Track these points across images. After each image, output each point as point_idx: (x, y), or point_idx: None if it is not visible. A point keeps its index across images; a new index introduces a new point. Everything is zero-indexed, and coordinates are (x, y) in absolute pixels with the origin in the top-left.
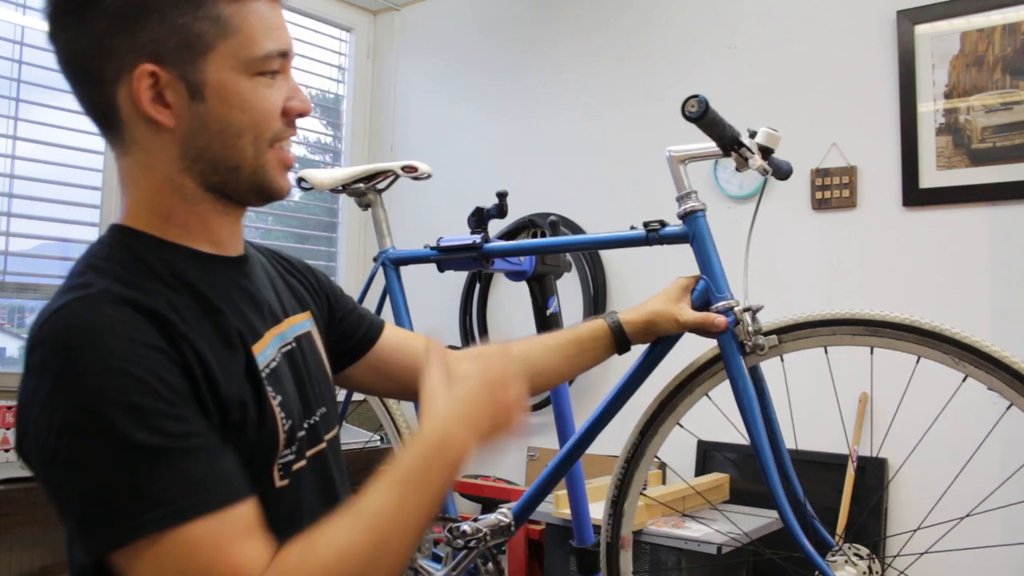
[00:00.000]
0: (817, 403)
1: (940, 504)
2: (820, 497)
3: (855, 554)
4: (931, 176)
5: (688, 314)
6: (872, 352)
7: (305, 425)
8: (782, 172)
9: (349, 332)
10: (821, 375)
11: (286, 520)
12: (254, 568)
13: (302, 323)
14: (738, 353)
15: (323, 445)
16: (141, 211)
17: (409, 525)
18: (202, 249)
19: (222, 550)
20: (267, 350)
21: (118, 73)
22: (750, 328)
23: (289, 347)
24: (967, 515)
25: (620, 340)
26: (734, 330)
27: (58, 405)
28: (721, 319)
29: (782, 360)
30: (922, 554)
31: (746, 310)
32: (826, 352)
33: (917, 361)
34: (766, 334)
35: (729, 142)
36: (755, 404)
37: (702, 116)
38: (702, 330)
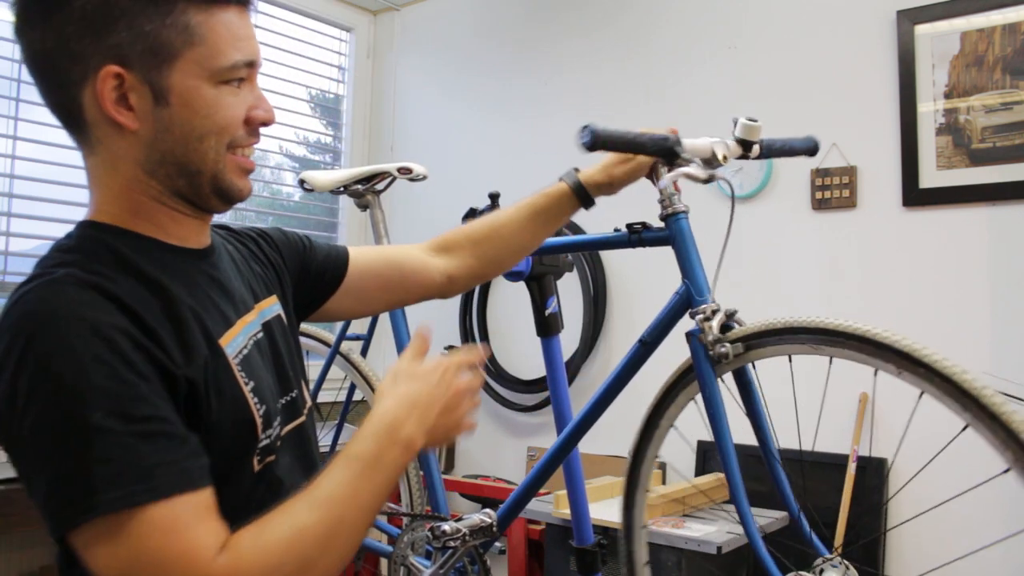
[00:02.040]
0: (817, 403)
1: (941, 506)
2: (820, 497)
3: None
4: (931, 176)
5: (645, 158)
6: (831, 362)
7: (280, 404)
8: (797, 150)
9: (319, 273)
10: (821, 375)
11: (270, 497)
12: (207, 551)
13: (271, 307)
14: (706, 361)
15: (301, 419)
16: (110, 206)
17: (362, 508)
18: (170, 242)
19: (174, 534)
20: (238, 338)
21: (83, 75)
22: (711, 337)
23: (260, 334)
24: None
25: (583, 196)
26: (699, 337)
27: (22, 390)
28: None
29: (789, 360)
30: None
31: (707, 319)
32: (790, 359)
33: (875, 373)
34: (733, 341)
35: (657, 153)
36: (721, 411)
37: (593, 145)
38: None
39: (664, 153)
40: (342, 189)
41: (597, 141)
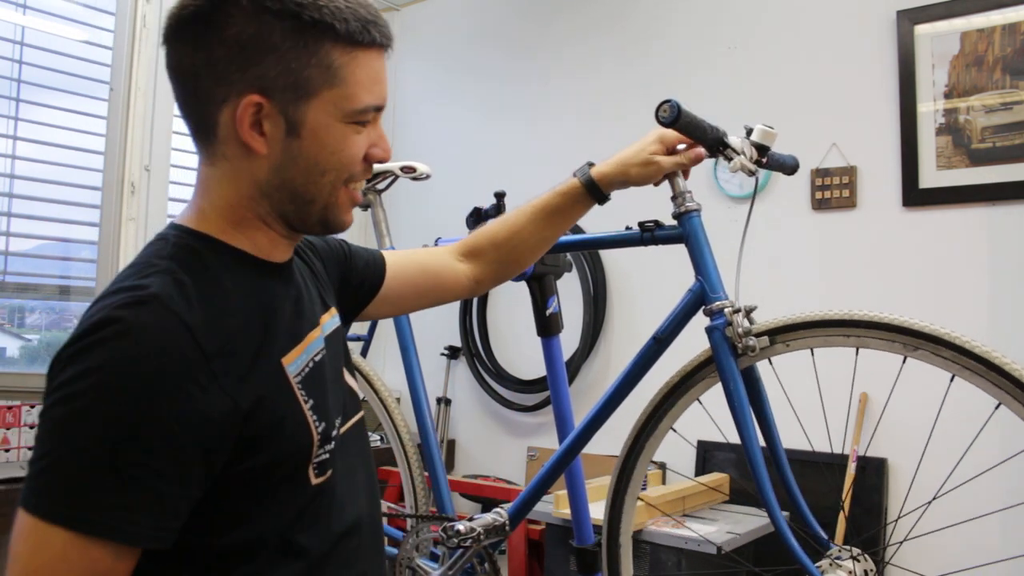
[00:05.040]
0: (817, 403)
1: (942, 505)
2: (820, 497)
3: (850, 556)
4: (931, 176)
5: (665, 160)
6: (857, 352)
7: (337, 422)
8: (787, 167)
9: (359, 283)
10: (821, 375)
11: (324, 510)
12: None
13: (332, 320)
14: (730, 355)
15: (349, 426)
16: (213, 216)
17: None
18: (260, 256)
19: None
20: (302, 357)
21: (225, 96)
22: (740, 329)
23: (323, 351)
24: (934, 498)
25: (596, 193)
26: (724, 331)
27: (71, 377)
28: (700, 150)
29: (812, 354)
30: (901, 542)
31: (736, 311)
32: (812, 353)
33: (904, 361)
34: (758, 335)
35: (712, 143)
36: (747, 406)
37: (675, 120)
38: (684, 171)
39: (715, 143)
40: None
41: (679, 119)
